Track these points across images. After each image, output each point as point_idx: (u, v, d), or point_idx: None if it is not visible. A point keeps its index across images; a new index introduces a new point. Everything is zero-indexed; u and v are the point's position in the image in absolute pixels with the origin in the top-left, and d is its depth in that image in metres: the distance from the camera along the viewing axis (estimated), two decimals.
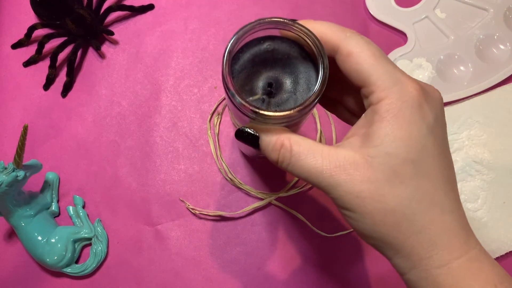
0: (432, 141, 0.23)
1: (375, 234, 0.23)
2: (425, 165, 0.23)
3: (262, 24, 0.26)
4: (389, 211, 0.22)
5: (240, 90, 0.27)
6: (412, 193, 0.22)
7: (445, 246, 0.23)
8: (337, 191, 0.23)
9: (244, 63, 0.28)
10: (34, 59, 0.48)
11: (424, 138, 0.22)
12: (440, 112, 0.24)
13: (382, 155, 0.22)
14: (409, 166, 0.22)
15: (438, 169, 0.23)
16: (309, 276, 0.42)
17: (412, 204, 0.22)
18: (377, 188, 0.22)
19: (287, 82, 0.28)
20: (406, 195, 0.22)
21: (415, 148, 0.22)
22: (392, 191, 0.22)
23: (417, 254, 0.23)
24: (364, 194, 0.22)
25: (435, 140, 0.23)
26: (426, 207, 0.22)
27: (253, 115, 0.25)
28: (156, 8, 0.50)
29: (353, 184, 0.22)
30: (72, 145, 0.46)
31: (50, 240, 0.40)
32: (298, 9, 0.50)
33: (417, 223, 0.22)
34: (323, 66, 0.25)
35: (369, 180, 0.22)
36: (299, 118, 0.26)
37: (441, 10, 0.49)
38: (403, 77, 0.23)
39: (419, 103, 0.22)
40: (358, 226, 0.24)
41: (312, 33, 0.26)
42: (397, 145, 0.22)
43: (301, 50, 0.28)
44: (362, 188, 0.22)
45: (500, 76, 0.46)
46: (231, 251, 0.43)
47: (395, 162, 0.22)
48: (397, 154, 0.22)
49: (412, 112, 0.22)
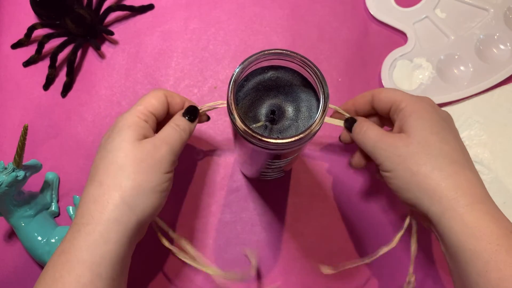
0: (447, 126, 0.32)
1: (412, 185, 0.30)
2: (446, 137, 0.31)
3: (266, 55, 0.27)
4: (422, 164, 0.30)
5: (244, 117, 0.29)
6: (438, 151, 0.30)
7: (468, 191, 0.29)
8: (384, 153, 0.31)
9: (248, 91, 0.29)
10: (34, 59, 0.48)
11: (441, 121, 0.32)
12: (449, 115, 0.34)
13: (415, 131, 0.31)
14: (434, 135, 0.31)
15: (455, 141, 0.31)
16: (309, 276, 0.42)
17: (439, 158, 0.30)
18: (413, 149, 0.30)
19: (289, 110, 0.29)
20: (434, 153, 0.30)
21: (437, 126, 0.31)
22: (424, 150, 0.30)
23: (446, 196, 0.29)
24: (404, 153, 0.31)
25: (449, 126, 0.32)
26: (450, 162, 0.30)
27: (255, 141, 0.26)
28: (156, 8, 0.50)
29: (396, 147, 0.31)
30: (72, 145, 0.46)
31: (50, 240, 0.40)
32: (298, 9, 0.50)
33: (445, 172, 0.29)
34: (323, 95, 0.26)
35: (407, 144, 0.31)
36: (301, 145, 0.27)
37: (441, 10, 0.49)
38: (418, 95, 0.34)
39: (433, 104, 0.33)
40: (398, 182, 0.31)
41: (313, 64, 0.27)
42: (424, 124, 0.31)
43: (303, 80, 0.29)
44: (402, 150, 0.31)
45: (500, 76, 0.46)
46: (231, 251, 0.43)
47: (424, 134, 0.31)
48: (425, 128, 0.31)
49: (430, 108, 0.32)
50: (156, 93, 0.34)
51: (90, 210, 0.30)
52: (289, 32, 0.49)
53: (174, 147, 0.32)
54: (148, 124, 0.33)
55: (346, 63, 0.48)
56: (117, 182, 0.30)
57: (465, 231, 0.28)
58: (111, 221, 0.29)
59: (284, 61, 0.29)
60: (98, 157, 0.32)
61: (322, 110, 0.26)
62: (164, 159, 0.32)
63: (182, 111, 0.35)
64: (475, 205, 0.28)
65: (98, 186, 0.31)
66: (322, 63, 0.48)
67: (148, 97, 0.34)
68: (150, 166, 0.31)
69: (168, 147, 0.32)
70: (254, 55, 0.27)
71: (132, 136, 0.31)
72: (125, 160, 0.30)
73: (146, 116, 0.33)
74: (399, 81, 0.46)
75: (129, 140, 0.31)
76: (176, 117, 0.34)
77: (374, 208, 0.44)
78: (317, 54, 0.48)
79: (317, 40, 0.49)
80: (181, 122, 0.34)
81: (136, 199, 0.30)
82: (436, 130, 0.31)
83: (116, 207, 0.30)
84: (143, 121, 0.32)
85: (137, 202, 0.30)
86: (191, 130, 0.35)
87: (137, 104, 0.33)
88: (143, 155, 0.31)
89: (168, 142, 0.32)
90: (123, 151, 0.31)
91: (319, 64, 0.47)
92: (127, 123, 0.32)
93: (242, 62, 0.27)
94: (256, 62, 0.28)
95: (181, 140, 0.33)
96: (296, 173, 0.45)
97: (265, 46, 0.49)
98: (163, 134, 0.33)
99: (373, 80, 0.48)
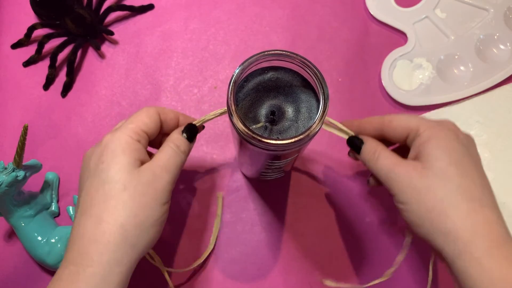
0: (467, 153, 0.29)
1: (426, 222, 0.28)
2: (465, 168, 0.28)
3: (266, 56, 0.27)
4: (438, 200, 0.27)
5: (244, 118, 0.29)
6: (456, 187, 0.28)
7: (486, 233, 0.27)
8: (398, 185, 0.29)
9: (248, 91, 0.29)
10: (34, 59, 0.48)
11: (462, 149, 0.29)
12: (470, 138, 0.31)
13: (432, 160, 0.28)
14: (453, 167, 0.28)
15: (475, 173, 0.29)
16: (309, 276, 0.42)
17: (457, 195, 0.27)
18: (429, 182, 0.28)
19: (289, 111, 0.29)
20: (451, 188, 0.28)
21: (456, 154, 0.28)
22: (441, 184, 0.28)
23: (462, 238, 0.26)
24: (419, 186, 0.28)
25: (469, 152, 0.29)
26: (468, 199, 0.27)
27: (255, 142, 0.26)
28: (156, 8, 0.50)
29: (411, 178, 0.29)
30: (72, 145, 0.46)
31: (50, 240, 0.40)
32: (298, 8, 0.50)
33: (462, 210, 0.27)
34: (323, 96, 0.26)
35: (422, 175, 0.28)
36: (301, 146, 0.27)
37: (441, 10, 0.49)
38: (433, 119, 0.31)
39: (454, 128, 0.30)
40: (412, 217, 0.29)
41: (313, 65, 0.27)
42: (442, 153, 0.28)
43: (303, 80, 0.29)
44: (417, 182, 0.28)
45: (500, 76, 0.46)
46: (231, 251, 0.43)
47: (442, 165, 0.28)
48: (443, 158, 0.28)
49: (450, 134, 0.29)
50: (148, 110, 0.32)
51: (90, 250, 0.27)
52: (289, 32, 0.49)
53: (174, 174, 0.30)
54: (141, 145, 0.30)
55: (346, 63, 0.48)
56: (119, 220, 0.28)
57: (482, 276, 0.26)
58: (112, 263, 0.27)
59: (284, 62, 0.29)
60: (92, 186, 0.29)
61: (322, 111, 0.26)
62: (165, 189, 0.29)
63: (181, 129, 0.32)
64: (494, 249, 0.26)
65: (97, 223, 0.28)
66: (322, 63, 0.48)
67: (140, 114, 0.31)
68: (151, 199, 0.29)
69: (169, 176, 0.30)
70: (254, 56, 0.27)
71: (129, 163, 0.29)
72: (125, 194, 0.28)
73: (138, 135, 0.30)
74: (399, 81, 0.46)
75: (126, 169, 0.29)
76: (175, 136, 0.32)
77: (374, 207, 0.44)
78: (317, 54, 0.48)
79: (317, 40, 0.49)
80: (181, 142, 0.31)
81: (138, 236, 0.28)
82: (455, 160, 0.28)
83: (118, 248, 0.27)
84: (136, 141, 0.30)
85: (139, 239, 0.28)
86: (190, 150, 0.32)
87: (128, 122, 0.31)
88: (144, 187, 0.28)
89: (169, 170, 0.30)
90: (121, 183, 0.28)
91: (319, 64, 0.48)
92: (121, 146, 0.29)
93: (242, 63, 0.27)
94: (256, 63, 0.28)
95: (181, 164, 0.31)
96: (296, 173, 0.45)
97: (265, 46, 0.49)
98: (163, 159, 0.30)
99: (373, 80, 0.48)
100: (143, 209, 0.28)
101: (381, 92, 0.47)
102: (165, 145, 0.31)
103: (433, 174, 0.28)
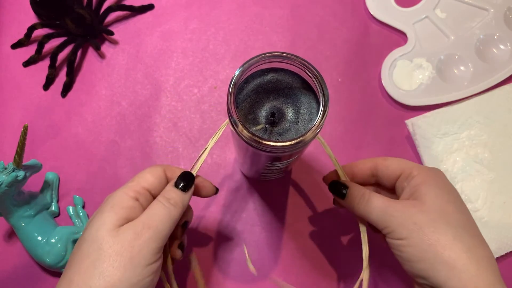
0: (459, 197, 0.30)
1: (429, 255, 0.27)
2: (462, 207, 0.29)
3: (266, 58, 0.27)
4: (442, 233, 0.27)
5: (244, 119, 0.29)
6: (457, 223, 0.28)
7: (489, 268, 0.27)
8: (396, 221, 0.29)
9: (248, 93, 0.29)
10: (34, 59, 0.48)
11: (455, 192, 0.30)
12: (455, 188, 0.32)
13: (431, 199, 0.29)
14: (451, 205, 0.29)
15: (469, 213, 0.30)
16: (309, 277, 0.42)
17: (458, 230, 0.28)
18: (431, 217, 0.28)
19: (289, 112, 0.29)
20: (453, 223, 0.28)
21: (452, 194, 0.30)
22: (442, 219, 0.28)
23: (468, 271, 0.26)
24: (420, 221, 0.28)
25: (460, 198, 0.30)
26: (470, 235, 0.28)
27: (255, 144, 0.26)
28: (156, 8, 0.50)
29: (410, 214, 0.28)
30: (72, 145, 0.46)
31: (50, 240, 0.40)
32: (298, 8, 0.50)
33: (466, 245, 0.27)
34: (323, 98, 0.26)
35: (423, 211, 0.28)
36: (300, 148, 0.27)
37: (441, 10, 0.49)
38: None
39: (443, 174, 0.31)
40: (413, 251, 0.28)
41: (313, 67, 0.27)
42: (440, 192, 0.29)
43: (303, 82, 0.29)
44: (418, 217, 0.28)
45: (500, 76, 0.46)
46: (231, 251, 0.43)
47: (441, 202, 0.29)
48: (442, 197, 0.29)
49: (443, 177, 0.31)
50: (153, 168, 0.30)
51: None
52: (289, 32, 0.49)
53: (160, 230, 0.27)
54: (139, 203, 0.28)
55: (346, 63, 0.48)
56: (87, 282, 0.25)
57: None
58: None
59: (284, 64, 0.29)
60: (77, 243, 0.28)
61: (322, 113, 0.26)
62: (145, 248, 0.26)
63: (174, 180, 0.30)
64: (497, 285, 0.26)
65: (67, 285, 0.26)
66: (322, 64, 0.48)
67: (144, 172, 0.30)
68: (128, 259, 0.26)
69: (150, 233, 0.27)
70: (254, 57, 0.27)
71: (111, 221, 0.27)
72: (99, 254, 0.26)
73: (137, 193, 0.28)
74: (399, 81, 0.46)
75: (107, 228, 0.27)
76: (166, 188, 0.30)
77: None
78: (317, 55, 0.48)
79: (317, 40, 0.49)
80: (172, 194, 0.29)
81: None
82: (452, 199, 0.29)
83: None
84: (132, 199, 0.28)
85: None
86: (185, 202, 0.29)
87: (131, 180, 0.29)
88: (120, 247, 0.26)
89: (151, 226, 0.27)
90: (97, 242, 0.26)
91: (319, 64, 0.48)
92: (111, 202, 0.28)
93: (242, 65, 0.27)
94: (256, 65, 0.28)
95: (171, 218, 0.28)
96: (296, 174, 0.45)
97: (265, 46, 0.49)
98: (147, 214, 0.28)
99: (373, 80, 0.48)
100: (117, 271, 0.25)
101: (381, 92, 0.47)
102: (154, 200, 0.29)
103: (434, 210, 0.28)
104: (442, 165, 0.44)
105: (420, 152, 0.44)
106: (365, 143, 0.46)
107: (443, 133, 0.44)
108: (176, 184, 0.29)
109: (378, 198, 0.30)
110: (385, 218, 0.29)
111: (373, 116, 0.47)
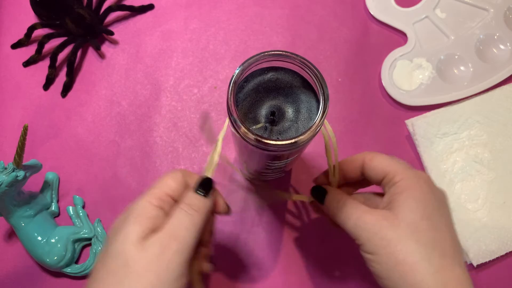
0: (440, 208, 0.29)
1: (395, 275, 0.26)
2: (438, 223, 0.28)
3: (266, 57, 0.27)
4: (410, 252, 0.26)
5: (244, 118, 0.29)
6: (428, 241, 0.27)
7: None
8: (366, 234, 0.28)
9: (248, 92, 0.29)
10: (34, 59, 0.48)
11: (435, 203, 0.28)
12: (444, 193, 0.30)
13: (405, 211, 0.27)
14: (426, 221, 0.27)
15: (447, 229, 0.28)
16: (309, 276, 0.42)
17: (428, 249, 0.26)
18: (401, 233, 0.27)
19: (289, 111, 0.29)
20: (424, 242, 0.26)
21: (430, 209, 0.28)
22: (413, 237, 0.27)
23: None
24: (389, 236, 0.27)
25: (442, 208, 0.29)
26: (440, 255, 0.26)
27: (255, 142, 0.26)
28: (156, 8, 0.50)
29: (380, 227, 0.27)
30: (72, 145, 0.46)
31: (50, 240, 0.40)
32: (298, 8, 0.50)
33: (434, 266, 0.26)
34: (323, 97, 0.26)
35: (394, 225, 0.27)
36: (300, 146, 0.27)
37: (441, 10, 0.49)
38: (412, 167, 0.30)
39: (429, 181, 0.29)
40: (380, 268, 0.27)
41: (313, 65, 0.27)
42: (417, 205, 0.27)
43: (303, 81, 0.29)
44: (387, 232, 0.27)
45: (500, 76, 0.46)
46: (231, 251, 0.43)
47: (415, 217, 0.27)
48: (417, 211, 0.27)
49: (425, 187, 0.28)
50: (173, 173, 0.29)
51: None
52: (289, 32, 0.49)
53: (186, 240, 0.26)
54: (163, 212, 0.27)
55: (346, 63, 0.48)
56: None
57: None
58: None
59: (284, 63, 0.29)
60: (100, 257, 0.27)
61: (322, 111, 0.26)
62: (173, 263, 0.25)
63: (194, 186, 0.29)
64: None
65: None
66: (322, 63, 0.48)
67: (165, 178, 0.29)
68: (155, 276, 0.25)
69: (176, 245, 0.25)
70: (254, 56, 0.27)
71: (137, 233, 0.25)
72: (124, 271, 0.25)
73: (161, 201, 0.27)
74: (399, 81, 0.46)
75: (132, 241, 0.25)
76: (187, 195, 0.28)
77: None
78: (317, 54, 0.48)
79: (317, 40, 0.49)
80: (194, 200, 0.28)
81: None
82: (428, 214, 0.27)
83: None
84: (157, 208, 0.27)
85: None
86: (208, 208, 0.28)
87: (153, 187, 0.28)
88: (148, 263, 0.25)
89: (177, 237, 0.26)
90: (123, 258, 0.25)
91: (319, 64, 0.48)
92: (134, 213, 0.26)
93: (242, 64, 0.27)
94: (256, 64, 0.28)
95: (195, 226, 0.27)
96: (296, 173, 0.45)
97: (265, 46, 0.49)
98: (171, 224, 0.26)
99: (373, 80, 0.48)
100: None
101: (381, 92, 0.47)
102: (176, 207, 0.28)
103: (406, 225, 0.27)
104: (442, 165, 0.44)
105: (420, 152, 0.44)
106: (365, 143, 0.46)
107: (443, 133, 0.44)
108: (197, 190, 0.29)
109: (352, 205, 0.29)
110: (356, 229, 0.28)
111: (373, 116, 0.47)
